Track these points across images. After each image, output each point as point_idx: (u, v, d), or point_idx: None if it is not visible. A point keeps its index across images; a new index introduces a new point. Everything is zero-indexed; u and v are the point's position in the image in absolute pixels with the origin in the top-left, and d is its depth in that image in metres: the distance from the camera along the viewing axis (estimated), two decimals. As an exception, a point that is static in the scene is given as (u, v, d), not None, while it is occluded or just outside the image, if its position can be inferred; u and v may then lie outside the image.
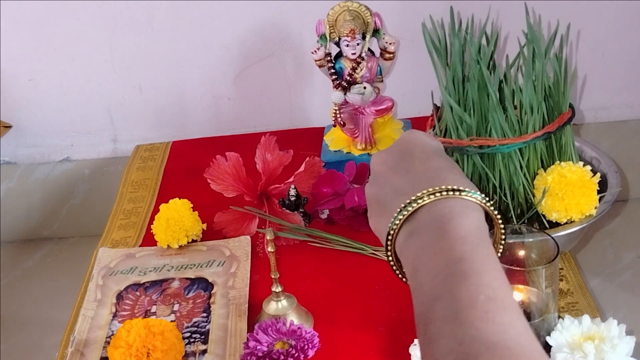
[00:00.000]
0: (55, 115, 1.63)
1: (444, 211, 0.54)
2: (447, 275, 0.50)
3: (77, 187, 1.71)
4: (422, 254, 0.53)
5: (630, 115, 1.65)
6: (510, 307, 0.49)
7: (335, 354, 0.96)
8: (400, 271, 0.58)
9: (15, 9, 1.51)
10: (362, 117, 1.29)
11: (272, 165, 1.17)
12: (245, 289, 1.07)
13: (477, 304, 0.48)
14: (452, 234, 0.52)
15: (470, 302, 0.48)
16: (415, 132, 0.62)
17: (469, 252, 0.51)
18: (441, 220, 0.53)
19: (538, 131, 1.01)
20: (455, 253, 0.51)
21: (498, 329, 0.47)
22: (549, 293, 0.89)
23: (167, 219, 1.15)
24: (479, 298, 0.48)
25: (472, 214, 0.54)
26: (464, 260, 0.50)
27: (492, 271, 0.51)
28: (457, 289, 0.49)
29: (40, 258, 1.73)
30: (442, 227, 0.53)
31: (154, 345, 0.90)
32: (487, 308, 0.48)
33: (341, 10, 1.21)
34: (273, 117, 1.61)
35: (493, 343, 0.46)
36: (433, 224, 0.54)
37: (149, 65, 1.57)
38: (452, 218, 0.53)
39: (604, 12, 1.53)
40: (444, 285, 0.50)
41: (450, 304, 0.48)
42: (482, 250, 0.52)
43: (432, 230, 0.53)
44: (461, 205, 0.54)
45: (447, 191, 0.55)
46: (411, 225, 0.55)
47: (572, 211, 1.01)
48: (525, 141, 1.01)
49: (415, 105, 1.48)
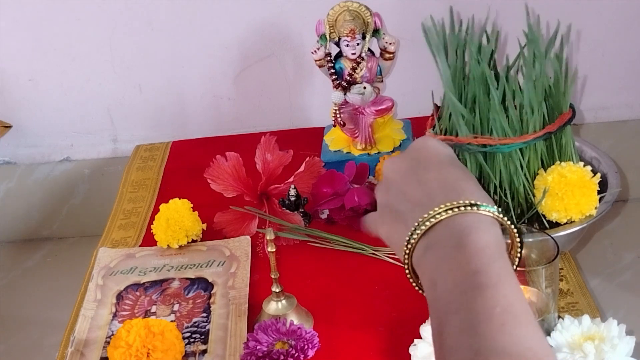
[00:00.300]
0: (55, 115, 1.63)
1: (462, 226, 0.54)
2: (464, 288, 0.51)
3: (77, 187, 1.71)
4: (440, 267, 0.54)
5: (630, 115, 1.65)
6: (526, 320, 0.49)
7: (335, 354, 0.96)
8: (417, 283, 0.58)
9: (15, 9, 1.51)
10: (362, 117, 1.29)
11: (272, 165, 1.17)
12: (245, 289, 1.07)
13: (493, 316, 0.48)
14: (469, 248, 0.53)
15: (486, 314, 0.49)
16: (428, 140, 0.63)
17: (486, 266, 0.52)
18: (459, 235, 0.54)
19: (539, 131, 1.01)
20: (472, 267, 0.52)
21: (514, 340, 0.47)
22: (549, 293, 0.89)
23: (167, 219, 1.15)
24: (495, 310, 0.49)
25: (489, 228, 0.55)
26: (480, 274, 0.51)
27: (508, 284, 0.51)
28: (473, 302, 0.50)
29: (40, 258, 1.73)
30: (459, 242, 0.54)
31: (154, 345, 0.90)
32: (503, 320, 0.48)
33: (341, 10, 1.21)
34: (273, 117, 1.61)
35: (509, 354, 0.47)
36: (451, 239, 0.54)
37: (149, 65, 1.57)
38: (469, 233, 0.54)
39: (604, 12, 1.53)
40: (460, 298, 0.51)
41: (466, 317, 0.49)
42: (498, 263, 0.52)
43: (450, 244, 0.54)
44: (478, 220, 0.55)
45: (464, 206, 0.55)
46: (428, 239, 0.56)
47: (572, 211, 1.01)
48: (526, 141, 1.01)
49: (415, 105, 1.48)
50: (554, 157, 1.05)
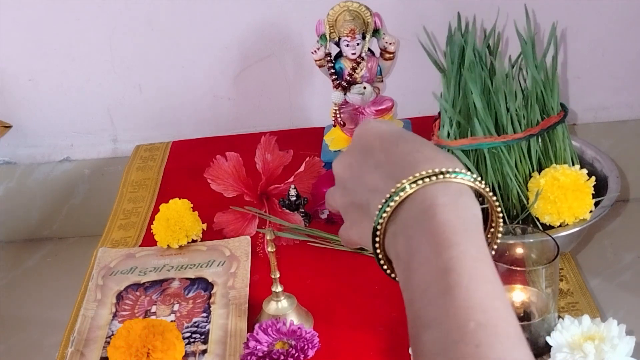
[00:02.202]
0: (55, 115, 1.63)
1: (426, 203, 0.47)
2: (435, 293, 0.45)
3: (77, 187, 1.71)
4: (411, 260, 0.47)
5: (630, 115, 1.65)
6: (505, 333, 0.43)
7: (335, 354, 0.96)
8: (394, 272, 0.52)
9: (15, 9, 1.51)
10: (362, 117, 1.29)
11: (272, 165, 1.17)
12: (245, 289, 1.07)
13: (466, 335, 0.43)
14: (437, 233, 0.46)
15: (459, 333, 0.43)
16: (368, 123, 0.56)
17: (456, 260, 0.45)
18: (425, 215, 0.47)
19: (520, 133, 1.01)
20: (442, 261, 0.45)
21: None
22: (549, 293, 0.89)
23: (167, 219, 1.15)
24: (469, 326, 0.43)
25: (458, 200, 0.48)
26: (451, 272, 0.45)
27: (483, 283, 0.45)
28: (445, 316, 0.44)
29: (40, 258, 1.73)
30: (426, 225, 0.47)
31: (154, 345, 0.90)
32: (478, 340, 0.42)
33: (341, 10, 1.21)
34: (273, 117, 1.61)
35: None
36: (417, 221, 0.47)
37: (149, 65, 1.57)
38: (435, 212, 0.47)
39: (604, 12, 1.53)
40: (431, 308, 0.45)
41: (438, 337, 0.43)
42: (471, 252, 0.46)
43: (417, 230, 0.47)
44: (445, 191, 0.48)
45: (428, 177, 0.48)
46: (394, 229, 0.49)
47: (565, 215, 1.00)
48: (505, 141, 1.01)
49: (415, 105, 1.48)
50: (550, 159, 1.05)
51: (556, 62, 1.05)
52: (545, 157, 1.05)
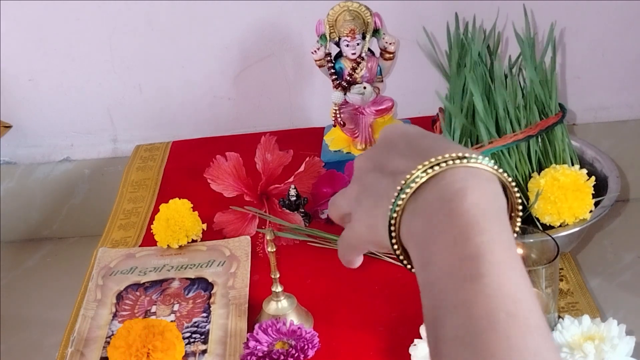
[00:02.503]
0: (55, 115, 1.63)
1: (453, 187, 0.46)
2: (461, 278, 0.43)
3: (77, 187, 1.71)
4: (431, 243, 0.45)
5: (630, 115, 1.65)
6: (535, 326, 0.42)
7: (335, 354, 0.96)
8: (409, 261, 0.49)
9: (15, 9, 1.51)
10: (362, 117, 1.29)
11: (272, 165, 1.17)
12: (245, 289, 1.07)
13: (497, 324, 0.41)
14: (465, 217, 0.44)
15: (489, 321, 0.41)
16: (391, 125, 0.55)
17: (486, 245, 0.44)
18: (451, 198, 0.45)
19: (519, 134, 1.01)
20: (470, 246, 0.44)
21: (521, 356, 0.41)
22: (549, 293, 0.89)
23: (167, 219, 1.15)
24: (500, 316, 0.41)
25: (485, 185, 0.46)
26: (480, 258, 0.43)
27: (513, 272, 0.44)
28: (473, 302, 0.42)
29: (40, 258, 1.73)
30: (452, 208, 0.45)
31: (154, 345, 0.90)
32: (508, 331, 0.41)
33: (341, 10, 1.21)
34: (273, 117, 1.61)
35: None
36: (441, 203, 0.46)
37: (149, 65, 1.57)
38: (464, 195, 0.45)
39: (604, 12, 1.53)
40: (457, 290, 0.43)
41: (465, 322, 0.42)
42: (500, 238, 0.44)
43: (441, 212, 0.45)
44: (471, 175, 0.46)
45: (452, 160, 0.46)
46: (414, 207, 0.47)
47: (565, 215, 1.00)
48: (506, 144, 1.01)
49: (415, 105, 1.48)
50: (550, 160, 1.05)
51: (554, 62, 1.05)
52: (545, 157, 1.05)
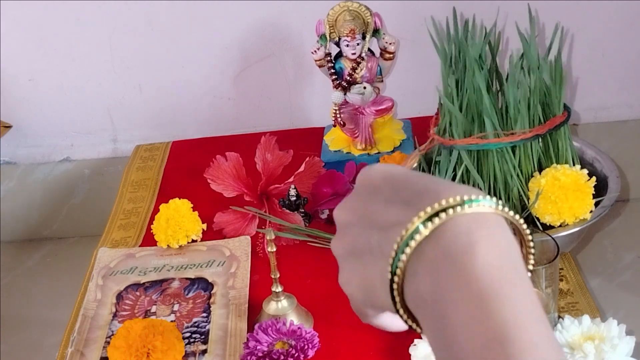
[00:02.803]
0: (55, 115, 1.63)
1: (460, 241, 0.39)
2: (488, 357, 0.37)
3: (77, 187, 1.71)
4: (447, 314, 0.39)
5: (630, 115, 1.65)
6: None
7: (335, 354, 0.96)
8: (418, 324, 0.42)
9: (15, 9, 1.51)
10: (362, 117, 1.29)
11: (272, 165, 1.17)
12: (245, 289, 1.07)
13: None
14: (481, 284, 0.38)
15: None
16: (371, 167, 0.46)
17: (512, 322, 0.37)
18: (460, 257, 0.39)
19: (527, 132, 1.01)
20: (494, 325, 0.37)
21: None
22: (549, 293, 0.89)
23: (167, 219, 1.15)
24: None
25: (494, 234, 0.40)
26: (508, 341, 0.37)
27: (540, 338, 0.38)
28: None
29: (40, 258, 1.73)
30: (463, 271, 0.38)
31: (154, 345, 0.90)
32: None
33: (341, 10, 1.21)
34: (273, 117, 1.61)
35: None
36: (450, 264, 0.39)
37: (149, 65, 1.57)
38: (473, 253, 0.38)
39: (604, 12, 1.53)
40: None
41: None
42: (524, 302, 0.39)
43: (452, 276, 0.39)
44: (476, 224, 0.39)
45: (451, 208, 0.39)
46: (417, 267, 0.40)
47: (565, 215, 1.00)
48: (513, 141, 1.01)
49: (415, 105, 1.48)
50: (551, 159, 1.05)
51: (560, 61, 1.05)
52: (545, 157, 1.05)
